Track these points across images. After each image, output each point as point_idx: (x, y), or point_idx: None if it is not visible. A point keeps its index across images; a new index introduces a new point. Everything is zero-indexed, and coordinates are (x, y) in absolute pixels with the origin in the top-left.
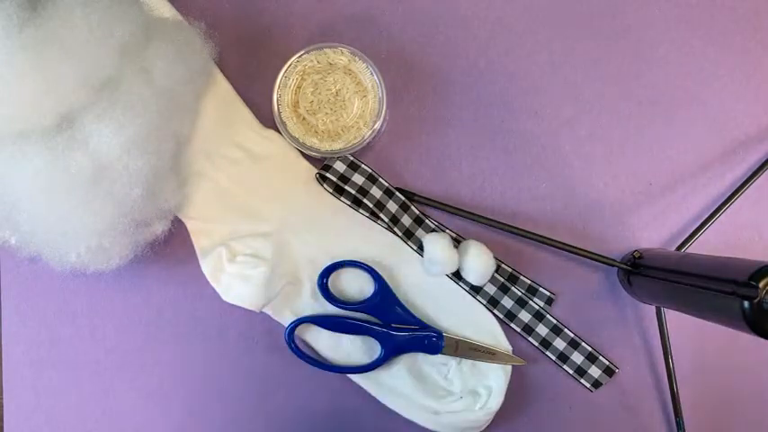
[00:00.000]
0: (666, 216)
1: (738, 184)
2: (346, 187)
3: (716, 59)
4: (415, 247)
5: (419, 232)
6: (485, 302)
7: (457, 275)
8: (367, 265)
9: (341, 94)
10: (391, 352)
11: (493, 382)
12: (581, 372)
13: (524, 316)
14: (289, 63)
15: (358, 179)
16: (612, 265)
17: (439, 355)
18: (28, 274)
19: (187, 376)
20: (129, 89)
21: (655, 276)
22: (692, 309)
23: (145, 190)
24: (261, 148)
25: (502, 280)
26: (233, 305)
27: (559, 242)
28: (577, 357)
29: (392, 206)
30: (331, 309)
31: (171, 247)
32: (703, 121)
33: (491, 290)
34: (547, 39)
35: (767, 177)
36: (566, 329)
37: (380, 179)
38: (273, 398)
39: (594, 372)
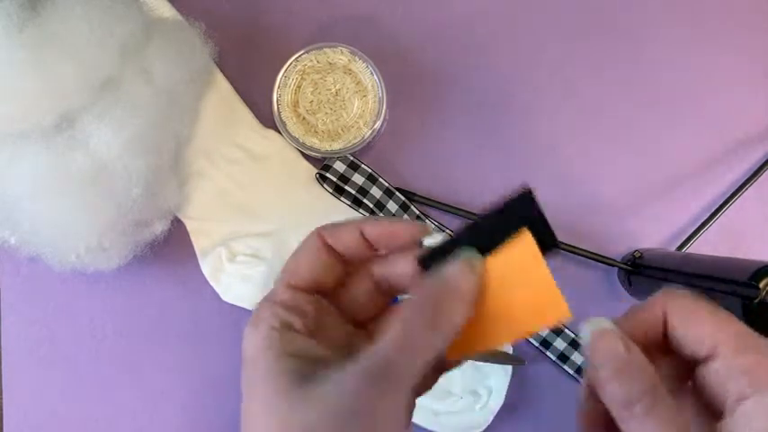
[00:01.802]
0: (667, 216)
1: (739, 184)
2: (346, 187)
3: (716, 59)
4: None
5: None
6: None
7: None
8: None
9: (341, 93)
10: None
11: (493, 382)
12: (582, 372)
13: None
14: (288, 63)
15: (358, 179)
16: (613, 265)
17: None
18: (28, 274)
19: (187, 376)
20: (129, 89)
21: (655, 276)
22: None
23: (145, 190)
24: (261, 148)
25: None
26: (233, 305)
27: (559, 242)
28: (578, 357)
29: (392, 206)
30: None
31: (171, 247)
32: (703, 121)
33: None
34: (547, 39)
35: (767, 177)
36: (566, 330)
37: (380, 179)
38: None
39: None
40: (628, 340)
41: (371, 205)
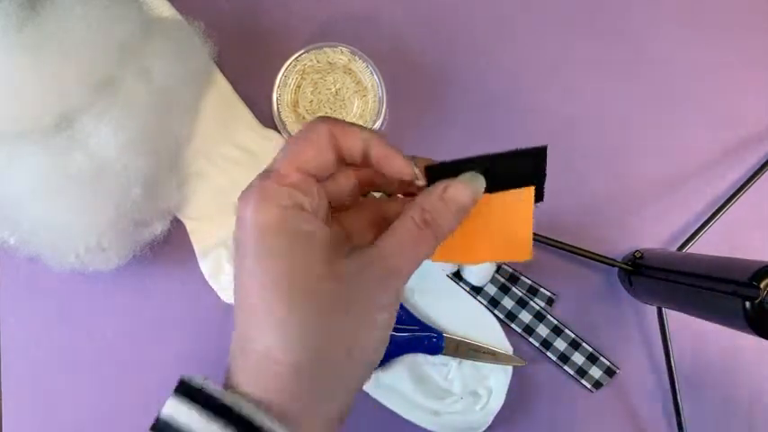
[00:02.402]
0: (667, 216)
1: (739, 184)
2: None
3: (716, 59)
4: None
5: None
6: (485, 303)
7: (457, 276)
8: None
9: (341, 93)
10: (392, 353)
11: (493, 382)
12: (582, 372)
13: (525, 317)
14: (288, 62)
15: None
16: (613, 266)
17: (439, 356)
18: (27, 274)
19: None
20: (129, 89)
21: (656, 276)
22: (692, 309)
23: (144, 190)
24: (261, 148)
25: (502, 280)
26: (233, 305)
27: (559, 242)
28: (578, 358)
29: None
30: None
31: (170, 246)
32: (703, 121)
33: (492, 290)
34: (547, 38)
35: (767, 177)
36: (566, 330)
37: None
38: None
39: (595, 372)
40: None
41: None
